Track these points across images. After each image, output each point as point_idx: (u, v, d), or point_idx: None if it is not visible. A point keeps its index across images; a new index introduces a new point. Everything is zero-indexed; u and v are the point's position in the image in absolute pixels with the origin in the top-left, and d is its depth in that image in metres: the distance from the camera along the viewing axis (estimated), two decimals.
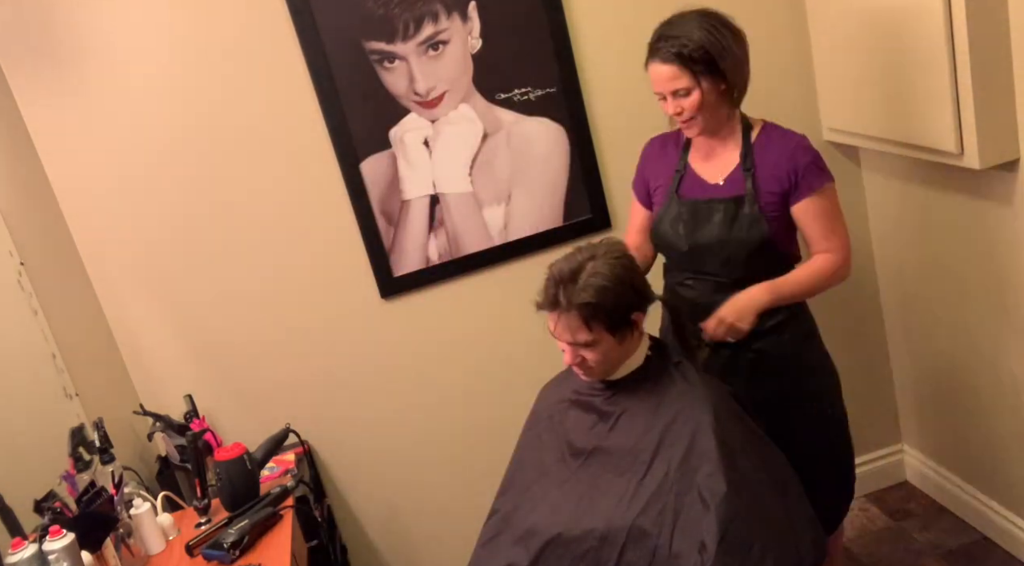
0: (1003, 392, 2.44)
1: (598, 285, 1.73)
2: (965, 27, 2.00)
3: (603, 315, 1.74)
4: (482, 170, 2.63)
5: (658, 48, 1.94)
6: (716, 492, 1.65)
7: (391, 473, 2.81)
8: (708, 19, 1.93)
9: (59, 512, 1.83)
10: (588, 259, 1.78)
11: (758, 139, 2.04)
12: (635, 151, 2.73)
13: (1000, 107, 2.07)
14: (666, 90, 1.96)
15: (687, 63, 1.90)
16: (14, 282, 2.09)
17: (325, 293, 2.63)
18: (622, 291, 1.76)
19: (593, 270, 1.75)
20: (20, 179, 2.30)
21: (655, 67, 1.95)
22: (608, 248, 1.81)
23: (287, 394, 2.67)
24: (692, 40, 1.89)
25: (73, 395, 2.17)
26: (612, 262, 1.77)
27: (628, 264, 1.81)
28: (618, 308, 1.76)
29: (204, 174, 2.49)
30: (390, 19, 2.47)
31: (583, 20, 2.60)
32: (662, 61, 1.93)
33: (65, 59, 2.35)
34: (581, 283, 1.74)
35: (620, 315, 1.77)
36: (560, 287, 1.76)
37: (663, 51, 1.92)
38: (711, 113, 1.98)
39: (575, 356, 1.81)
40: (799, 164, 1.98)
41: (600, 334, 1.76)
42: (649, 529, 1.69)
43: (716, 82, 1.93)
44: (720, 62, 1.91)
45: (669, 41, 1.92)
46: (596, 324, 1.75)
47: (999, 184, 2.20)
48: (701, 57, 1.89)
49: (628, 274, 1.79)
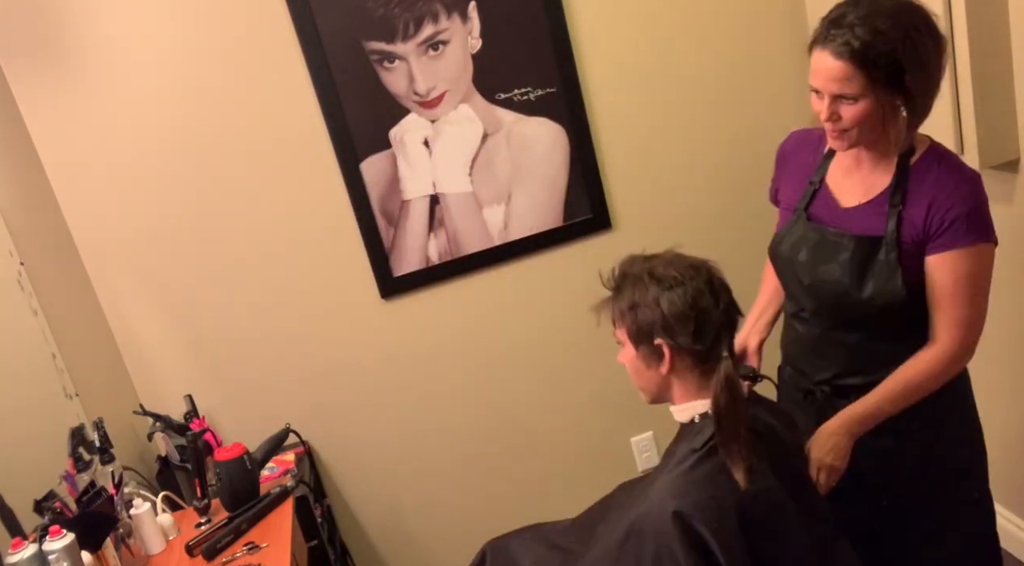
0: (1003, 391, 2.44)
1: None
2: (965, 27, 2.00)
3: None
4: (482, 170, 2.64)
5: (832, 36, 1.47)
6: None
7: (391, 473, 2.81)
8: (910, 15, 1.48)
9: (59, 512, 1.83)
10: None
11: (917, 164, 1.59)
12: (635, 151, 2.74)
13: (1000, 107, 2.07)
14: (828, 90, 1.51)
15: (867, 65, 1.45)
16: (14, 282, 2.09)
17: (325, 293, 2.63)
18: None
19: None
20: (20, 179, 2.30)
21: (822, 58, 1.49)
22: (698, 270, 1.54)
23: (287, 394, 2.67)
24: (884, 37, 1.44)
25: (73, 395, 2.17)
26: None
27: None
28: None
29: (204, 174, 2.49)
30: (390, 19, 2.47)
31: (583, 20, 2.60)
32: (834, 54, 1.47)
33: (65, 59, 2.35)
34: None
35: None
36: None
37: (838, 41, 1.46)
38: (871, 130, 1.54)
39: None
40: (956, 208, 1.55)
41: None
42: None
43: (893, 96, 1.49)
44: (907, 74, 1.46)
45: (850, 31, 1.45)
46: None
47: (999, 184, 2.20)
48: (886, 62, 1.45)
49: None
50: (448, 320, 2.73)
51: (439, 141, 2.59)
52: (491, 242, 2.69)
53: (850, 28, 1.46)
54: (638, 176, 2.75)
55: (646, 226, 2.78)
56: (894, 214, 1.59)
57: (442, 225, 2.65)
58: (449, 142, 2.60)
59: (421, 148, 2.59)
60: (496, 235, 2.69)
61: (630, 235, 2.76)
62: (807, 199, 1.72)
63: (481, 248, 2.69)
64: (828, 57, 1.48)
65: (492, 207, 2.67)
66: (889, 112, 1.51)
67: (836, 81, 1.49)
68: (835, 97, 1.51)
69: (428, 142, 2.59)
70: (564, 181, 2.70)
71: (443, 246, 2.66)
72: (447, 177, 2.62)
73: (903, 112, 1.51)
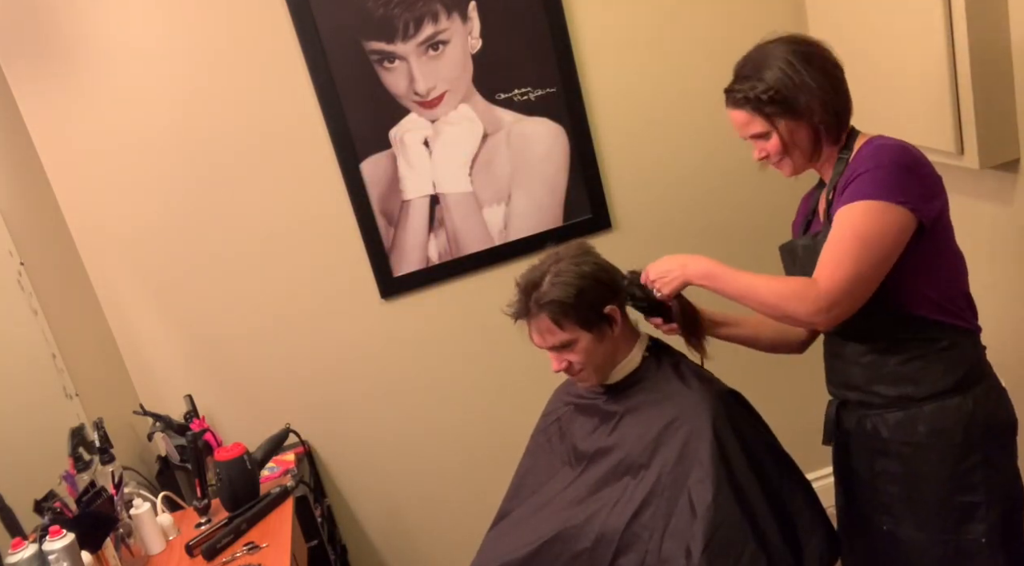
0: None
1: (561, 282, 1.75)
2: (965, 27, 2.00)
3: (572, 312, 1.75)
4: (482, 170, 2.63)
5: (730, 91, 1.74)
6: (704, 498, 1.65)
7: (391, 473, 2.81)
8: (784, 53, 1.68)
9: (59, 512, 1.83)
10: (552, 264, 1.80)
11: (854, 158, 1.70)
12: (635, 151, 2.74)
13: (1000, 107, 2.07)
14: (744, 135, 1.76)
15: (758, 106, 1.68)
16: (14, 282, 2.09)
17: (325, 293, 2.63)
18: (587, 286, 1.76)
19: (556, 272, 1.77)
20: (20, 179, 2.30)
21: (730, 113, 1.76)
22: (572, 250, 1.83)
23: (287, 394, 2.67)
24: (763, 81, 1.67)
25: (73, 395, 2.17)
26: (576, 261, 1.79)
27: (593, 261, 1.81)
28: (585, 303, 1.76)
29: (204, 174, 2.49)
30: (390, 19, 2.47)
31: (583, 20, 2.60)
32: (732, 106, 1.74)
33: (66, 60, 2.35)
34: (545, 286, 1.76)
35: (590, 309, 1.77)
36: (527, 295, 1.79)
37: (734, 95, 1.72)
38: (799, 152, 1.72)
39: (560, 361, 1.82)
40: (864, 166, 1.63)
41: (574, 332, 1.77)
42: (640, 533, 1.70)
43: (797, 121, 1.68)
44: (794, 102, 1.66)
45: (740, 83, 1.71)
46: (567, 322, 1.76)
47: (999, 184, 2.20)
48: (771, 98, 1.66)
49: (593, 270, 1.79)
50: (448, 320, 2.73)
51: (439, 141, 2.59)
52: (491, 242, 2.69)
53: (739, 81, 1.72)
54: (638, 176, 2.75)
55: (646, 226, 2.78)
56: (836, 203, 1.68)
57: (442, 225, 2.65)
58: (449, 142, 2.60)
59: (421, 148, 2.59)
60: (496, 235, 2.69)
61: (630, 235, 2.76)
62: (804, 227, 1.86)
63: (481, 248, 2.69)
64: (731, 110, 1.74)
65: (492, 207, 2.67)
66: (806, 133, 1.70)
67: (744, 126, 1.73)
68: (754, 139, 1.73)
69: (428, 142, 2.59)
70: (564, 181, 2.70)
71: (443, 246, 2.66)
72: (447, 177, 2.62)
73: (824, 128, 1.69)
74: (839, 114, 1.70)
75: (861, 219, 1.57)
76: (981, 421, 1.68)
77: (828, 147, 1.73)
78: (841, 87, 1.71)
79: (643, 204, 2.77)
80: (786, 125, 1.68)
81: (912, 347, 1.68)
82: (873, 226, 1.57)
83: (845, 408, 1.82)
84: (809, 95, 1.65)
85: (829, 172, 1.76)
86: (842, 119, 1.71)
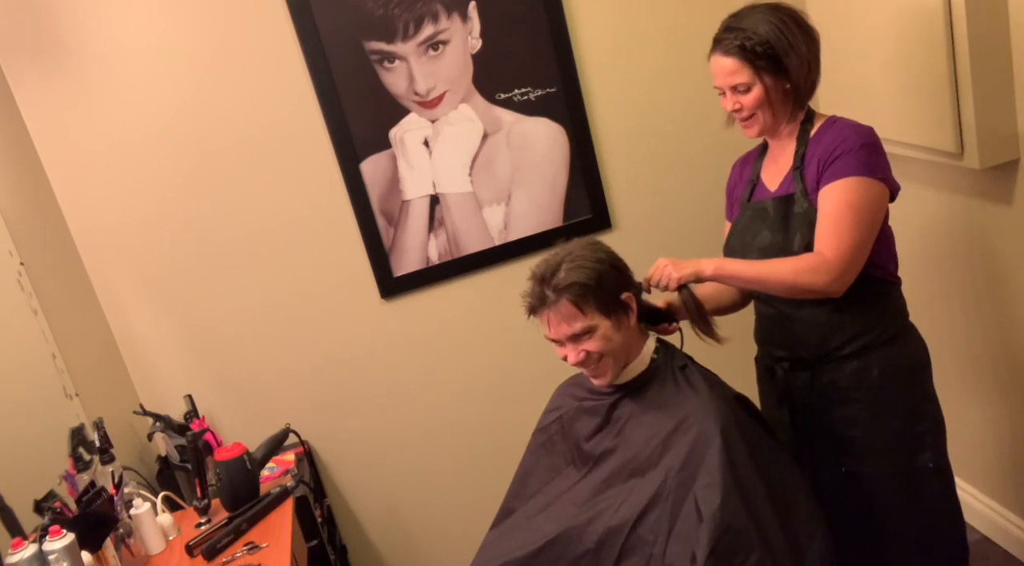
0: (1003, 387, 2.44)
1: (579, 266, 1.73)
2: (965, 27, 2.00)
3: (592, 295, 1.73)
4: (482, 170, 2.64)
5: (721, 39, 1.83)
6: (711, 503, 1.64)
7: (391, 473, 2.81)
8: (777, 14, 1.80)
9: (59, 512, 1.83)
10: (566, 254, 1.78)
11: (816, 134, 1.86)
12: (635, 151, 2.74)
13: (1000, 107, 2.07)
14: (726, 84, 1.84)
15: (749, 57, 1.78)
16: (14, 282, 2.09)
17: (325, 293, 2.63)
18: (605, 271, 1.75)
19: (572, 258, 1.75)
20: (20, 179, 2.30)
21: (716, 59, 1.84)
22: (582, 242, 1.82)
23: (287, 394, 2.67)
24: (757, 34, 1.77)
25: (73, 395, 2.17)
26: (590, 249, 1.78)
27: (606, 249, 1.81)
28: (605, 287, 1.74)
29: (204, 174, 2.49)
30: (390, 19, 2.47)
31: (583, 20, 2.60)
32: (723, 53, 1.81)
33: (66, 60, 2.35)
34: (563, 272, 1.74)
35: (610, 295, 1.75)
36: (544, 283, 1.75)
37: (726, 43, 1.81)
38: (772, 112, 1.84)
39: (578, 353, 1.77)
40: (841, 147, 1.78)
41: (595, 317, 1.74)
42: (645, 536, 1.70)
43: (779, 80, 1.81)
44: (784, 59, 1.78)
45: (733, 33, 1.80)
46: (588, 306, 1.73)
47: (999, 184, 2.20)
48: (764, 52, 1.77)
49: (608, 256, 1.79)
50: (448, 320, 2.73)
51: (439, 141, 2.59)
52: (491, 242, 2.69)
53: (732, 31, 1.81)
54: (638, 176, 2.75)
55: (646, 226, 2.78)
56: (797, 173, 1.85)
57: (442, 225, 2.65)
58: (449, 142, 2.60)
59: (421, 148, 2.59)
60: (496, 235, 2.69)
61: (630, 235, 2.76)
62: (748, 194, 1.98)
63: (481, 248, 2.69)
64: (720, 57, 1.82)
65: (492, 207, 2.67)
66: (781, 94, 1.82)
67: (730, 74, 1.82)
68: (733, 89, 1.83)
69: (428, 142, 2.59)
70: (564, 181, 2.70)
71: (443, 246, 2.67)
72: (447, 177, 2.62)
73: (798, 93, 1.82)
74: (813, 84, 1.86)
75: (854, 194, 1.75)
76: (918, 358, 1.94)
77: (792, 118, 1.87)
78: (818, 60, 1.85)
79: (643, 204, 2.78)
80: (771, 80, 1.80)
81: (866, 302, 1.85)
82: (864, 199, 1.75)
83: (796, 368, 1.94)
84: (798, 58, 1.79)
85: (785, 141, 1.90)
86: (813, 90, 1.87)
